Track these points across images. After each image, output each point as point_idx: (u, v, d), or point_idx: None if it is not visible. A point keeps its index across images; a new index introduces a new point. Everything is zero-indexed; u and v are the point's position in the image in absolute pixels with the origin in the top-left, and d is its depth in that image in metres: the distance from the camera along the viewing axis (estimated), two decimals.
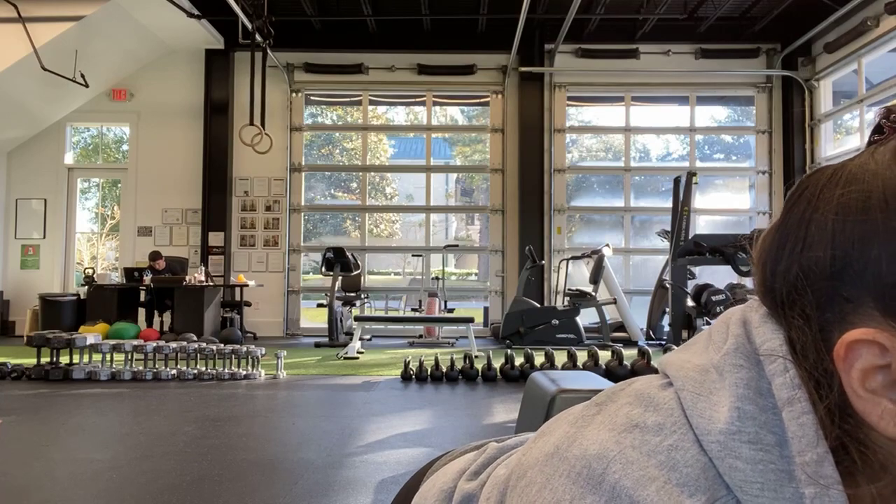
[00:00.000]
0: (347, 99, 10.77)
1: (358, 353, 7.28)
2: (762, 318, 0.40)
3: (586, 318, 8.50)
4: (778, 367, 0.37)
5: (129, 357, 5.68)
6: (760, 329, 0.39)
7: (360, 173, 10.69)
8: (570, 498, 0.37)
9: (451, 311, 9.15)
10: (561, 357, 5.84)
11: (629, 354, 5.78)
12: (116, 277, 8.98)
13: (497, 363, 5.81)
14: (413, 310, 9.72)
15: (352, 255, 8.84)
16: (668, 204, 8.32)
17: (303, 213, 10.41)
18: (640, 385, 0.43)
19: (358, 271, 9.16)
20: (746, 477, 0.35)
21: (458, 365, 5.80)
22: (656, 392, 0.41)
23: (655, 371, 0.45)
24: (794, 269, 0.38)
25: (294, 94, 10.23)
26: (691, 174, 7.83)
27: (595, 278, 8.63)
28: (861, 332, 0.35)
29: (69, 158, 10.34)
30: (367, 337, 9.17)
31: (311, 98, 10.61)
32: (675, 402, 0.40)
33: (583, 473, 0.38)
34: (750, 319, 0.41)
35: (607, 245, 8.91)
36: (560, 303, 9.00)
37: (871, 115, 8.91)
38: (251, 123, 7.97)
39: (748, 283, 6.21)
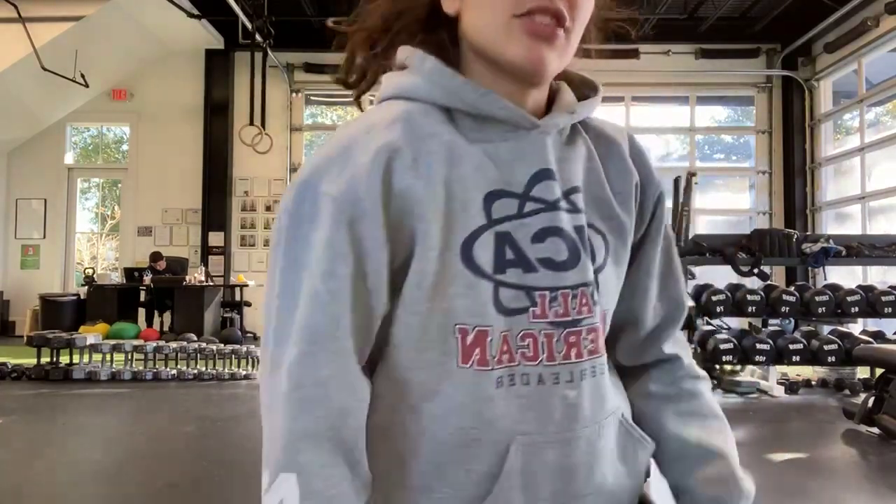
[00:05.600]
0: (347, 99, 10.74)
1: None
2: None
3: None
4: None
5: (129, 357, 5.68)
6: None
7: None
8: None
9: None
10: None
11: None
12: (116, 277, 8.98)
13: None
14: None
15: None
16: (668, 204, 8.31)
17: None
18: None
19: None
20: None
21: None
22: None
23: None
24: None
25: (294, 94, 10.23)
26: (691, 174, 7.80)
27: None
28: None
29: (69, 158, 10.34)
30: None
31: (311, 98, 10.60)
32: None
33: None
34: None
35: None
36: None
37: (872, 115, 8.91)
38: (251, 123, 7.99)
39: (748, 283, 6.20)
